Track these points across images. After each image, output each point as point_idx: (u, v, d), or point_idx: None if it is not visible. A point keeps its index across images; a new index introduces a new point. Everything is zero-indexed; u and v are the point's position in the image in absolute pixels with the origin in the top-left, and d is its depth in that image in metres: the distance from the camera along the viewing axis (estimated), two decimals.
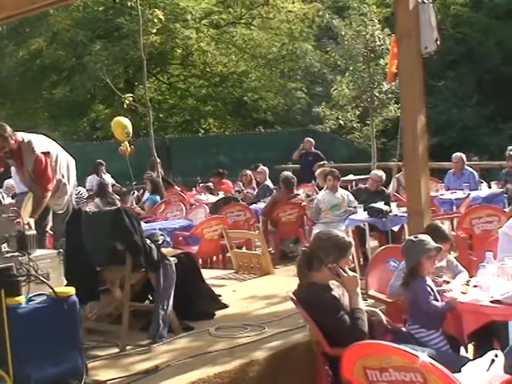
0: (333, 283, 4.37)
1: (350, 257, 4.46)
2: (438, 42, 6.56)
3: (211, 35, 25.00)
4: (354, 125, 17.40)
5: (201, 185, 14.13)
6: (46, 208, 6.61)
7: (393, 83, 12.60)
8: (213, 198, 12.33)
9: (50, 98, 25.39)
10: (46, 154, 6.49)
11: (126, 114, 15.50)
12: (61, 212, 6.79)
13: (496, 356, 3.71)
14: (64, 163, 6.79)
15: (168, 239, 8.68)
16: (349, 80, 15.69)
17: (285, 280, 7.06)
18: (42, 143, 6.58)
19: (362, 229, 9.11)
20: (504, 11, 24.50)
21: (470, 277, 4.95)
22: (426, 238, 4.61)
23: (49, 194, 6.49)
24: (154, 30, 14.30)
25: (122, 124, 7.95)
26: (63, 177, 6.75)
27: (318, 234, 4.68)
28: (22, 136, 6.47)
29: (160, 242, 5.61)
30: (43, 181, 6.45)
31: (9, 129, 6.32)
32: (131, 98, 11.66)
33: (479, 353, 4.15)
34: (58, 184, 6.68)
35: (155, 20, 12.97)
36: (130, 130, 7.65)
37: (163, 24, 15.94)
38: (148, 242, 5.37)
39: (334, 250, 4.33)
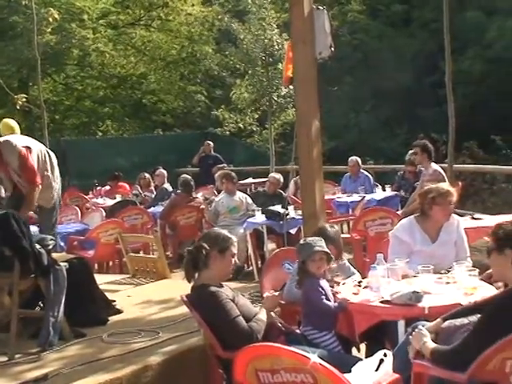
0: (223, 284, 4.39)
1: (235, 250, 4.48)
2: (333, 48, 6.69)
3: (109, 36, 24.62)
4: (254, 128, 17.54)
5: (98, 188, 13.87)
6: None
7: (291, 87, 12.75)
8: (110, 202, 12.15)
9: None
10: (28, 148, 6.51)
11: (20, 115, 15.05)
12: (48, 207, 6.87)
13: (385, 355, 3.79)
14: (46, 157, 6.81)
15: (62, 244, 8.48)
16: (248, 84, 15.80)
17: (181, 284, 6.97)
18: (20, 139, 6.64)
19: (260, 232, 9.17)
20: (399, 19, 25.29)
21: (363, 278, 5.05)
22: (315, 240, 4.66)
23: (38, 187, 6.54)
24: (49, 30, 13.97)
25: (10, 126, 7.70)
26: (47, 170, 6.78)
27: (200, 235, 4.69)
28: None
29: (50, 247, 5.45)
30: (31, 175, 6.50)
31: None
32: (24, 99, 11.28)
33: (371, 352, 4.22)
34: (44, 178, 6.69)
35: (50, 19, 12.62)
36: (18, 133, 7.44)
37: (59, 23, 15.58)
38: (38, 247, 5.20)
39: (216, 243, 4.37)
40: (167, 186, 12.57)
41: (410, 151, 10.26)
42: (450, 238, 5.31)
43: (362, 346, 4.86)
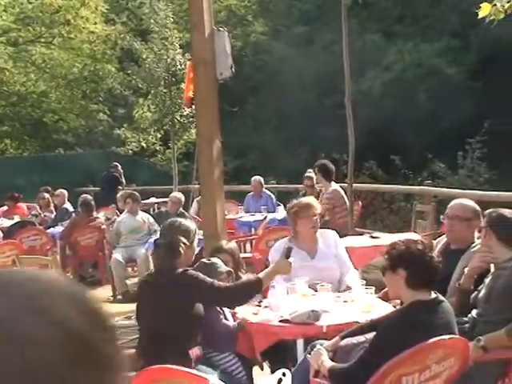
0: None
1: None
2: (233, 69, 6.74)
3: (8, 53, 23.98)
4: (157, 147, 17.43)
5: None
6: None
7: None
8: (8, 222, 11.78)
9: None
10: None
11: None
12: None
13: (284, 375, 3.80)
14: None
15: None
16: (150, 103, 15.69)
17: None
18: None
19: None
20: (301, 40, 25.76)
21: (263, 297, 5.07)
22: (216, 261, 4.68)
23: None
24: None
25: None
26: None
27: (168, 225, 4.57)
28: None
29: None
30: None
31: None
32: None
33: (273, 372, 4.24)
34: None
35: None
36: None
37: None
38: None
39: (187, 233, 4.37)
40: (68, 205, 12.30)
41: (309, 169, 10.43)
42: (329, 251, 5.42)
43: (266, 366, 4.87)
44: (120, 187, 14.05)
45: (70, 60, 24.75)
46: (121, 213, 10.47)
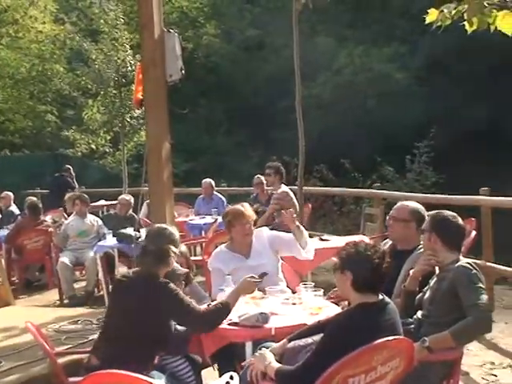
0: None
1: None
2: (183, 71, 6.71)
3: None
4: (107, 149, 17.24)
5: None
6: None
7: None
8: None
9: None
10: None
11: None
12: None
13: (231, 378, 3.79)
14: None
15: None
16: (100, 104, 15.52)
17: (26, 311, 6.76)
18: None
19: (112, 255, 9.00)
20: (253, 44, 25.84)
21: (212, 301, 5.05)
22: (176, 264, 4.66)
23: None
24: None
25: None
26: None
27: (157, 232, 4.53)
28: None
29: None
30: None
31: None
32: None
33: (221, 375, 4.22)
34: None
35: None
36: None
37: None
38: None
39: (175, 242, 4.43)
40: (14, 208, 12.11)
41: (257, 176, 10.48)
42: (263, 249, 5.49)
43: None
44: (70, 191, 13.85)
45: (17, 60, 24.38)
46: (69, 216, 10.33)
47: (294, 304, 4.69)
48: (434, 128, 17.28)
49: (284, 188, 9.20)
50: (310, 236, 9.07)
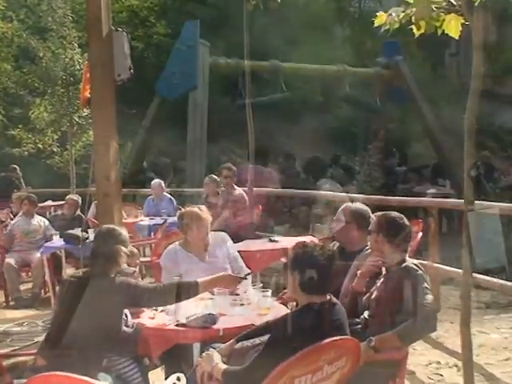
0: None
1: None
2: (132, 70, 6.65)
3: None
4: (54, 149, 16.96)
5: None
6: None
7: None
8: None
9: None
10: None
11: None
12: None
13: (178, 379, 3.77)
14: None
15: None
16: (47, 103, 15.26)
17: None
18: None
19: (59, 256, 8.89)
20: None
21: None
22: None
23: None
24: None
25: None
26: None
27: (107, 233, 4.48)
28: None
29: None
30: None
31: None
32: None
33: (168, 375, 4.20)
34: None
35: None
36: None
37: None
38: None
39: (125, 243, 4.44)
40: None
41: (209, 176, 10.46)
42: (219, 252, 5.49)
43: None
44: (16, 191, 13.61)
45: None
46: (15, 216, 10.16)
47: (243, 305, 4.69)
48: (382, 130, 17.48)
49: (238, 190, 9.26)
50: (260, 237, 9.17)
